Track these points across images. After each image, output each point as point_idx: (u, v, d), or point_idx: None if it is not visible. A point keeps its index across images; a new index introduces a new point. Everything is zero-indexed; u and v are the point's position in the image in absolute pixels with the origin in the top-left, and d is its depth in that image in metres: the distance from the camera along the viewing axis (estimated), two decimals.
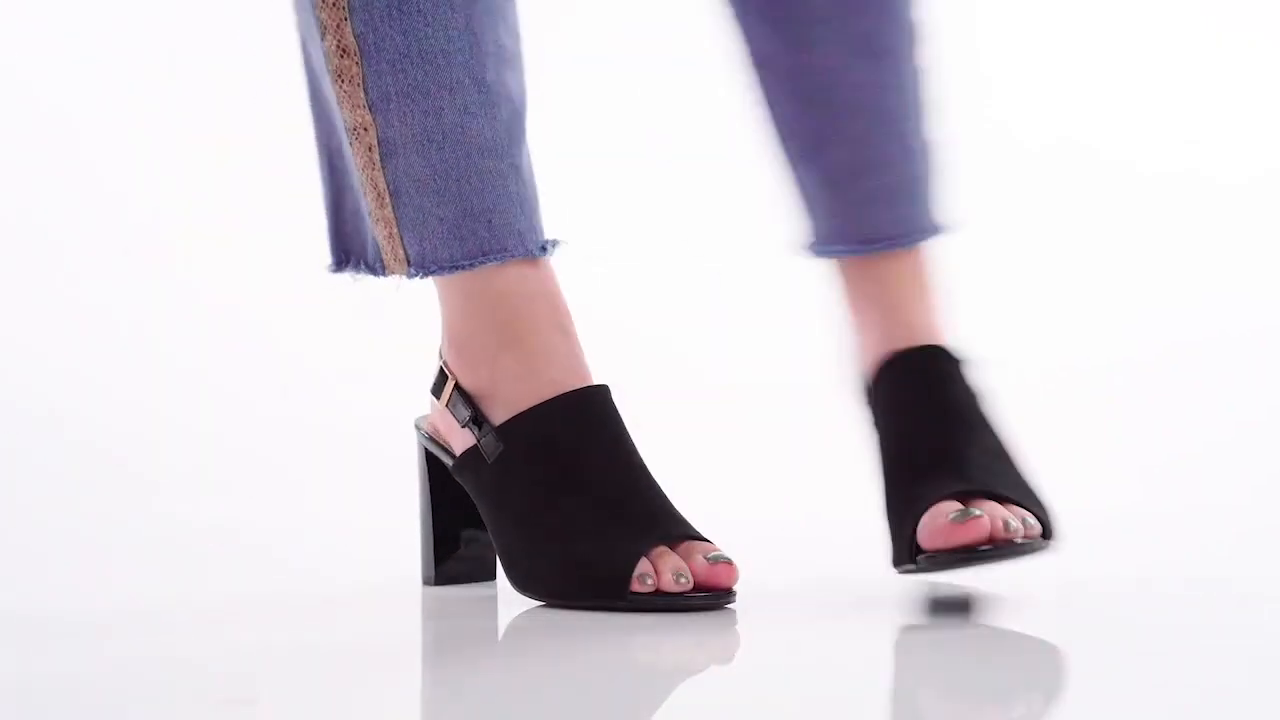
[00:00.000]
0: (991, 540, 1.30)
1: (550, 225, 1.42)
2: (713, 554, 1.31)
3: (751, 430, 2.28)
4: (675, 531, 1.33)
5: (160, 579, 1.61)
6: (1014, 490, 1.35)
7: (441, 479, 1.46)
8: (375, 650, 1.29)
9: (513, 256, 1.36)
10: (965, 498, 1.34)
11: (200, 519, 1.90)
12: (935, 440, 1.38)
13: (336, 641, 1.33)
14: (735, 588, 1.32)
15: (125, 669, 1.24)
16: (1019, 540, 1.30)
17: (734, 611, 1.33)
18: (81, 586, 1.58)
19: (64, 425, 2.37)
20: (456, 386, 1.39)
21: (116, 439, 2.31)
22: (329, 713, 1.12)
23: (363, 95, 1.34)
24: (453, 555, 1.47)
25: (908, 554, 1.35)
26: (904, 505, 1.36)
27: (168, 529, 1.85)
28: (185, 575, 1.63)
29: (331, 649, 1.30)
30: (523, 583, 1.35)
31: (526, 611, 1.37)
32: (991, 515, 1.31)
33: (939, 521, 1.32)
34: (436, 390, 1.42)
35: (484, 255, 1.35)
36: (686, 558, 1.32)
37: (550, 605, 1.35)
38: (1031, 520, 1.32)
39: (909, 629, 1.33)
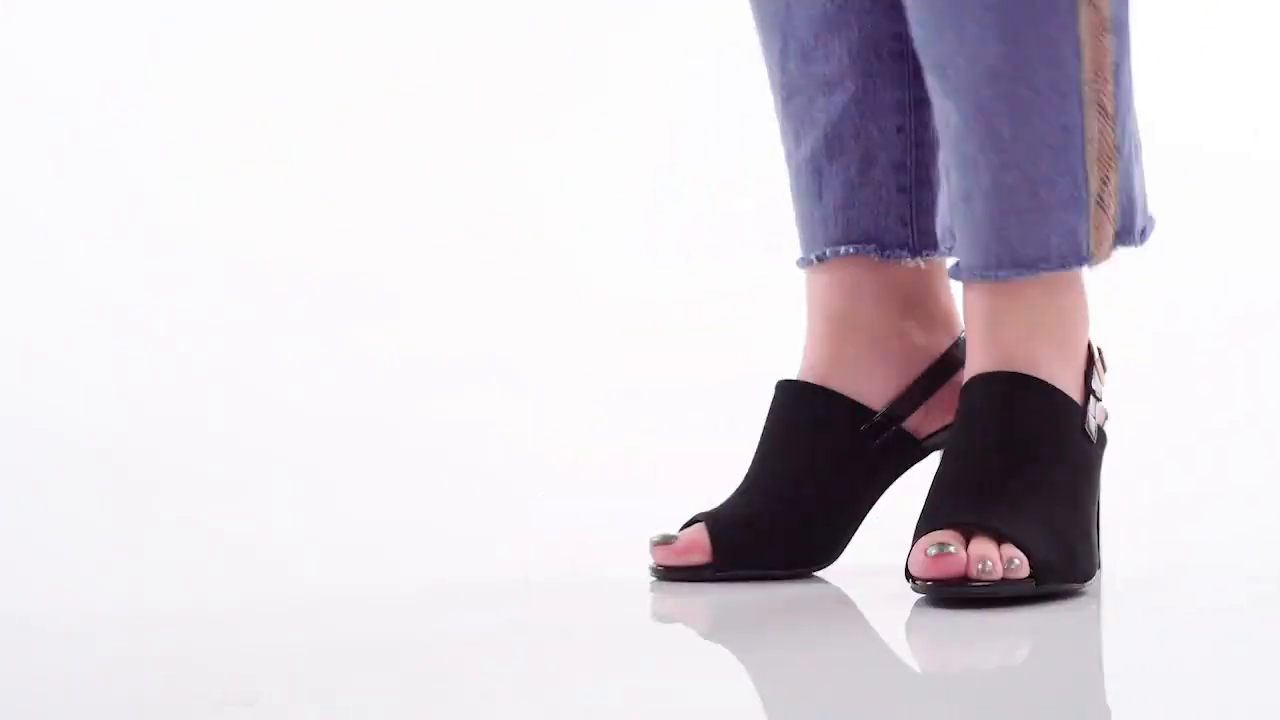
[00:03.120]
0: (965, 578, 1.35)
1: None
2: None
3: None
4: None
5: (159, 579, 1.61)
6: (1018, 530, 1.37)
7: None
8: (376, 650, 1.29)
9: None
10: (966, 530, 1.38)
11: (199, 519, 1.90)
12: (968, 469, 1.42)
13: (337, 642, 1.33)
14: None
15: (125, 669, 1.24)
16: (992, 581, 1.35)
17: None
18: (81, 587, 1.58)
19: (61, 425, 2.37)
20: None
21: (114, 439, 2.31)
22: (329, 713, 1.12)
23: None
24: None
25: (907, 573, 1.40)
26: (917, 527, 1.41)
27: (166, 529, 1.85)
28: (184, 575, 1.63)
29: (332, 649, 1.30)
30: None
31: (533, 609, 1.37)
32: (973, 553, 1.35)
33: (919, 553, 1.36)
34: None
35: None
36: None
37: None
38: (1019, 560, 1.35)
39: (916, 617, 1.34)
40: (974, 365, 1.45)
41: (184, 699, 1.15)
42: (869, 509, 1.53)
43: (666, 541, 1.51)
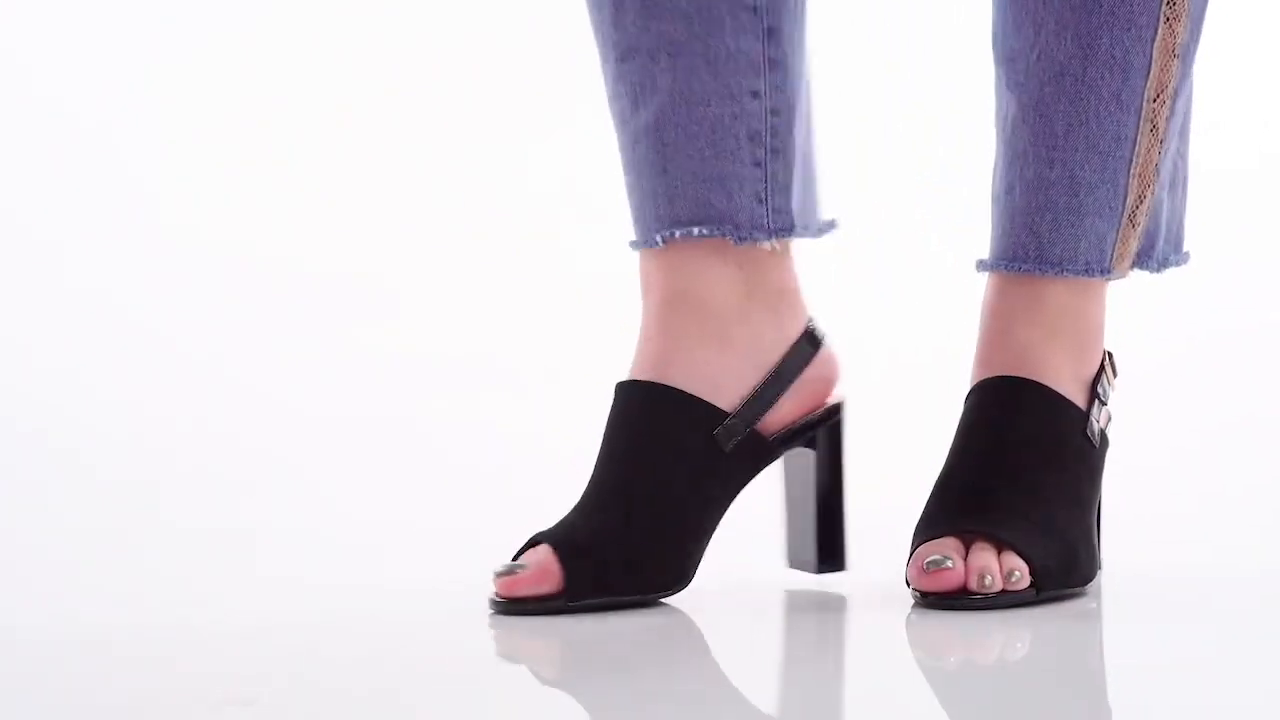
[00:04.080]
0: (965, 590, 1.34)
1: None
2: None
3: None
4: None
5: (158, 579, 1.61)
6: (1019, 537, 1.36)
7: None
8: (376, 651, 1.29)
9: None
10: (966, 538, 1.37)
11: (198, 519, 1.90)
12: (969, 472, 1.41)
13: (337, 642, 1.32)
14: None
15: (125, 669, 1.24)
16: (992, 594, 1.34)
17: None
18: (80, 588, 1.58)
19: (59, 425, 2.37)
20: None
21: (113, 439, 2.31)
22: (329, 713, 1.12)
23: None
24: None
25: (907, 581, 1.39)
26: (916, 531, 1.40)
27: (165, 529, 1.84)
28: (183, 575, 1.63)
29: (332, 649, 1.30)
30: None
31: (527, 619, 1.36)
32: (972, 565, 1.35)
33: (916, 566, 1.36)
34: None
35: None
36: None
37: None
38: (1019, 573, 1.35)
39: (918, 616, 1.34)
40: (983, 367, 1.45)
41: (184, 699, 1.15)
42: (719, 521, 1.40)
43: (512, 571, 1.36)
